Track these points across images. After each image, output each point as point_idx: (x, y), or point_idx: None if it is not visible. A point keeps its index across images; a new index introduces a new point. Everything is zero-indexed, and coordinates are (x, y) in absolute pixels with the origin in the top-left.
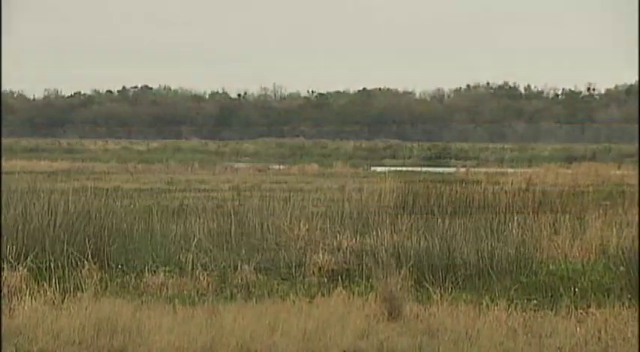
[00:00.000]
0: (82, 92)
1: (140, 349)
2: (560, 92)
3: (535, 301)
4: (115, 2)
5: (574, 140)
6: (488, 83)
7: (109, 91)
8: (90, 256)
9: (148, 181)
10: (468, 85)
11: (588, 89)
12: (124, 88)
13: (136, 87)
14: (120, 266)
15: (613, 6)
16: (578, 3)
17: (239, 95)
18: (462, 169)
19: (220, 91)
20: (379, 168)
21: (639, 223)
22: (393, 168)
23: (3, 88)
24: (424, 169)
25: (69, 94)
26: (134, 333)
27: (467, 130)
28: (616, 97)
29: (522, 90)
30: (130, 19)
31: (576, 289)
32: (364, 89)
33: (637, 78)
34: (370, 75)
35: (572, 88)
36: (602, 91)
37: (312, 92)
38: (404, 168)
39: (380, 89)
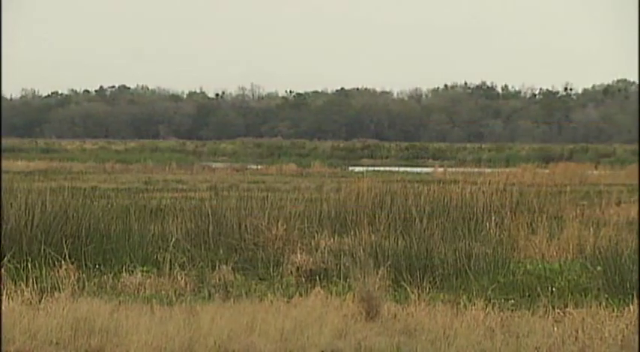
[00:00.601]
0: (60, 92)
1: (118, 349)
2: (537, 92)
3: (512, 301)
4: (94, 2)
5: (551, 140)
6: (465, 83)
7: (87, 91)
8: (67, 256)
9: (126, 181)
10: (446, 85)
11: (565, 89)
12: (101, 87)
13: (113, 86)
14: (97, 266)
15: (591, 6)
16: (555, 3)
17: (217, 95)
18: (440, 169)
19: (198, 91)
20: (357, 168)
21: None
22: (370, 168)
23: None
24: (402, 169)
25: (46, 94)
26: (112, 333)
27: (444, 130)
28: (593, 97)
29: (500, 90)
30: (109, 19)
31: (553, 289)
32: (342, 89)
33: (614, 78)
34: (348, 75)
35: (550, 88)
36: (580, 91)
37: (290, 92)
38: (382, 168)
39: (358, 89)
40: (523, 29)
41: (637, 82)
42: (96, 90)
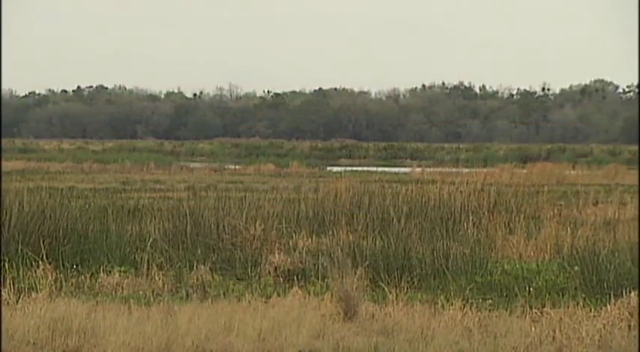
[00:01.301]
0: (37, 92)
1: (95, 349)
2: (515, 92)
3: (490, 301)
4: (71, 2)
5: (529, 140)
6: (443, 83)
7: (64, 91)
8: (45, 256)
9: (104, 181)
10: (424, 85)
11: (543, 89)
12: (79, 87)
13: (91, 86)
14: (75, 267)
15: (569, 6)
16: (533, 3)
17: (195, 95)
18: (418, 169)
19: (176, 91)
20: (335, 168)
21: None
22: (349, 168)
23: None
24: (380, 169)
25: (23, 94)
26: (89, 333)
27: (422, 130)
28: (570, 97)
29: (477, 91)
30: (87, 19)
31: (531, 289)
32: (320, 89)
33: (592, 79)
34: (326, 75)
35: (527, 88)
36: (557, 91)
37: (268, 92)
38: (360, 168)
39: (336, 89)
40: (500, 29)
41: (614, 82)
42: (73, 90)
